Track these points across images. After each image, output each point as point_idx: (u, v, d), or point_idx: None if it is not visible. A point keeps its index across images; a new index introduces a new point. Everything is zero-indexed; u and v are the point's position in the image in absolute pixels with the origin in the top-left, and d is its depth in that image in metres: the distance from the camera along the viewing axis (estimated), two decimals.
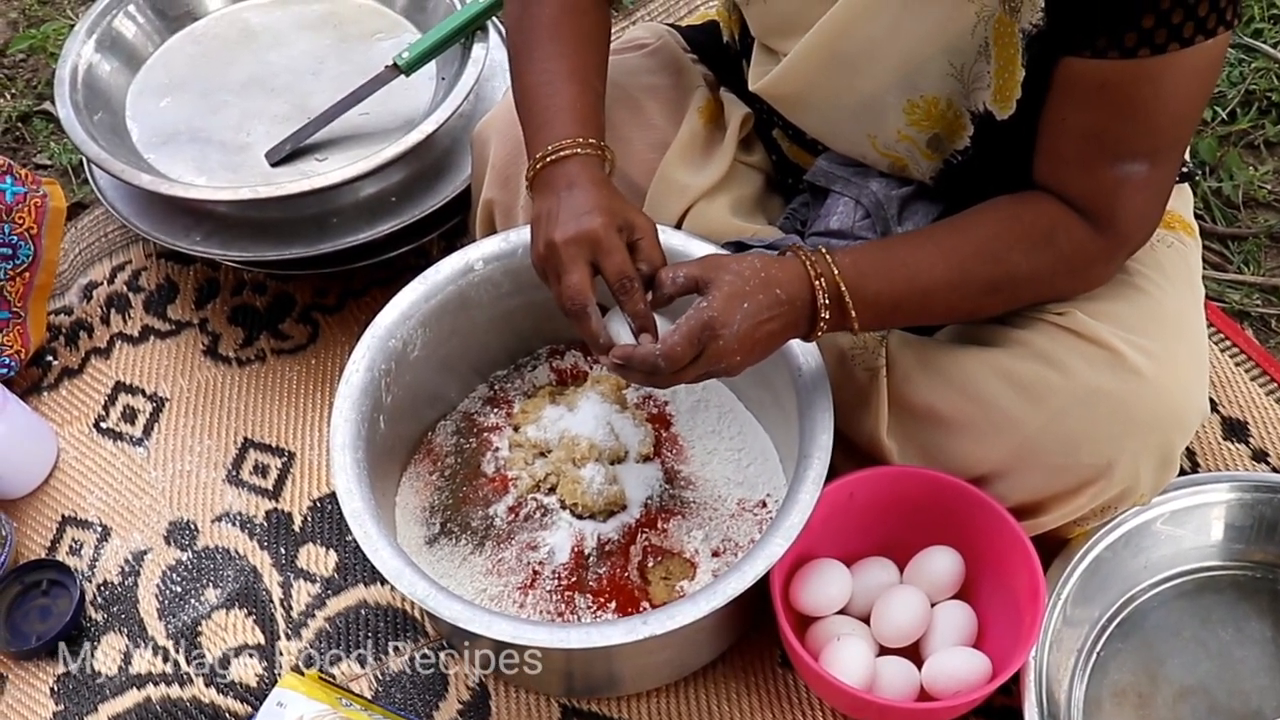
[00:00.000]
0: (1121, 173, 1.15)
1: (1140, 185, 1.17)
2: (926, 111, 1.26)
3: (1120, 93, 1.11)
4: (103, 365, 1.86)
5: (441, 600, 1.24)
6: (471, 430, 1.57)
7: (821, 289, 1.19)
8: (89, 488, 1.73)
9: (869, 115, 1.30)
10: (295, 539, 1.65)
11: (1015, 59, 1.16)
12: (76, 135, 1.72)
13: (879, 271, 1.22)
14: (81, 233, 2.01)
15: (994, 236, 1.22)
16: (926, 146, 1.30)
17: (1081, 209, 1.20)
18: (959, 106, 1.25)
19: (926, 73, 1.23)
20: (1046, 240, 1.21)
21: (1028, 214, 1.22)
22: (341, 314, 1.88)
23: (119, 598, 1.61)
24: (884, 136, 1.32)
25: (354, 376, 1.40)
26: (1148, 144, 1.14)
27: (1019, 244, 1.22)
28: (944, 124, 1.27)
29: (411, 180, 1.77)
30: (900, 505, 1.41)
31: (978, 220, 1.24)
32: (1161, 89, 1.10)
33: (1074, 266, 1.24)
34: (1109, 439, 1.25)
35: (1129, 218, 1.20)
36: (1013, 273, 1.23)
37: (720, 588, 1.23)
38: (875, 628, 1.42)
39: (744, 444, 1.55)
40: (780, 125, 1.45)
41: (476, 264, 1.48)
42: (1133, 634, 1.46)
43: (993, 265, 1.22)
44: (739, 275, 1.17)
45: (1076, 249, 1.21)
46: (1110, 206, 1.18)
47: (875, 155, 1.35)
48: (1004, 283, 1.24)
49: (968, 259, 1.22)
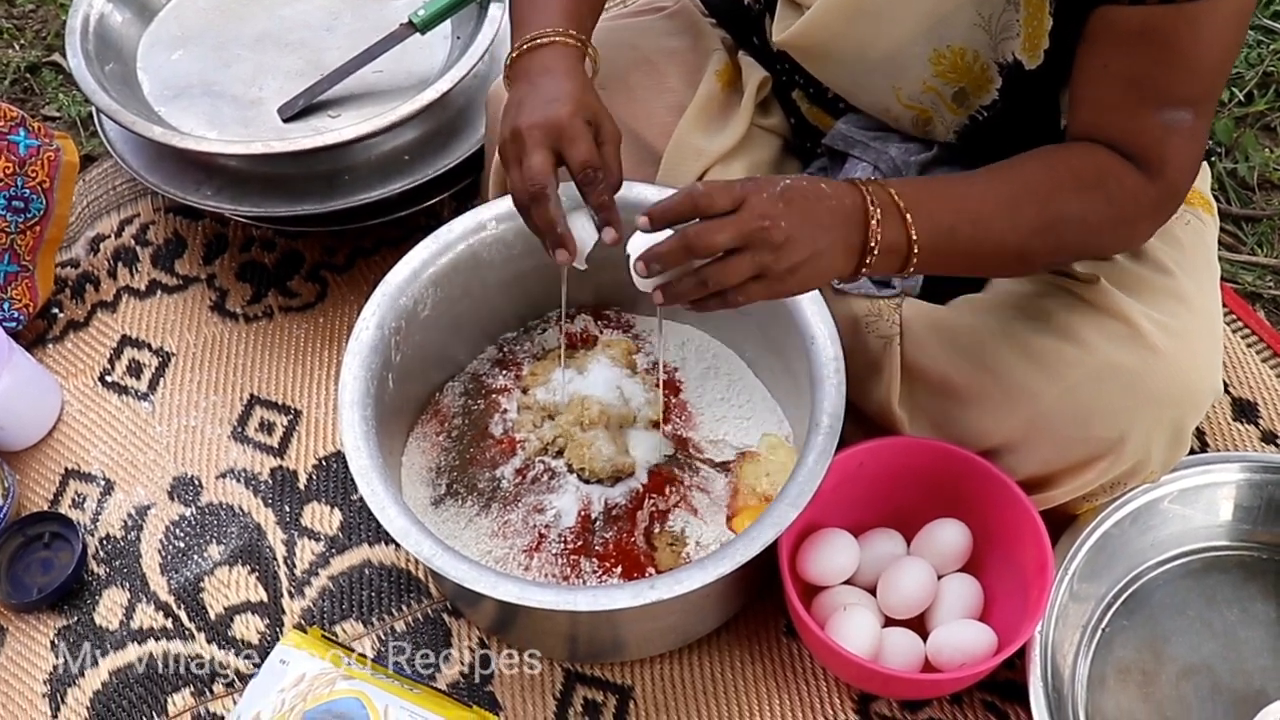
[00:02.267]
0: (1168, 119, 1.14)
1: (1186, 133, 1.14)
2: (953, 63, 1.25)
3: (1162, 37, 1.09)
4: (109, 319, 1.85)
5: (448, 560, 1.23)
6: (480, 392, 1.57)
7: (870, 198, 1.12)
8: (93, 441, 1.72)
9: (894, 66, 1.29)
10: (300, 497, 1.64)
11: (1043, 6, 1.15)
12: (87, 85, 1.70)
13: (932, 192, 1.16)
14: (89, 185, 2.01)
15: (1044, 177, 1.18)
16: (952, 100, 1.29)
17: (1130, 155, 1.17)
18: (986, 59, 1.24)
19: (954, 22, 1.21)
20: (1097, 183, 1.17)
21: (1076, 158, 1.19)
22: (350, 273, 1.87)
23: (121, 552, 1.61)
24: (909, 88, 1.30)
25: (364, 334, 1.39)
26: (1191, 91, 1.13)
27: (1069, 185, 1.18)
28: (970, 77, 1.26)
29: (424, 139, 1.76)
30: (910, 476, 1.41)
31: (1026, 162, 1.20)
32: (1201, 34, 1.09)
33: (1124, 214, 1.20)
34: (1122, 413, 1.25)
35: (1178, 166, 1.17)
36: (1063, 213, 1.17)
37: (728, 554, 1.22)
38: (881, 598, 1.41)
39: (753, 411, 1.55)
40: (800, 85, 1.43)
41: (489, 223, 1.47)
42: (1138, 611, 1.46)
43: (1043, 204, 1.17)
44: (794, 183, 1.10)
45: (1128, 195, 1.18)
46: (1160, 153, 1.16)
47: (899, 108, 1.34)
48: (1055, 223, 1.18)
49: (1019, 194, 1.17)
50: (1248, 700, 1.39)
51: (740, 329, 1.56)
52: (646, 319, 1.63)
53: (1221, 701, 1.40)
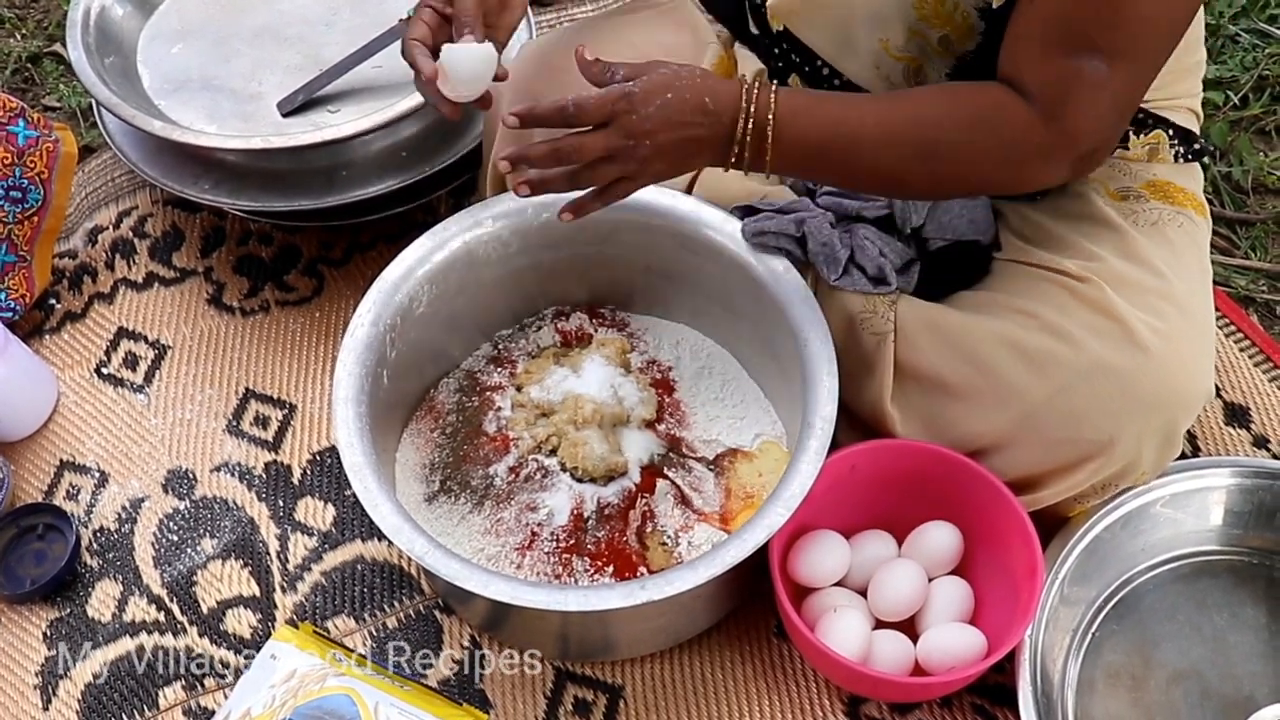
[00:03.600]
0: (1077, 64, 1.14)
1: (1095, 84, 1.14)
2: (935, 9, 1.26)
3: None
4: (106, 310, 1.85)
5: (439, 558, 1.24)
6: (474, 389, 1.57)
7: (745, 117, 1.20)
8: (88, 433, 1.72)
9: (880, 19, 1.30)
10: (294, 492, 1.65)
11: None
12: (87, 78, 1.71)
13: (810, 111, 1.22)
14: (88, 176, 2.01)
15: (933, 106, 1.22)
16: (938, 44, 1.29)
17: (1031, 95, 1.17)
18: (965, 6, 1.24)
19: None
20: (984, 118, 1.20)
21: (968, 91, 1.22)
22: (347, 268, 1.87)
23: (115, 544, 1.61)
24: (896, 39, 1.31)
25: (359, 330, 1.39)
26: (1111, 41, 1.12)
27: (955, 115, 1.21)
28: (953, 25, 1.26)
29: (422, 136, 1.76)
30: (902, 479, 1.41)
31: (922, 92, 1.26)
32: None
33: (1009, 153, 1.21)
34: (1112, 414, 1.25)
35: (1077, 114, 1.16)
36: (943, 141, 1.21)
37: (719, 556, 1.23)
38: (872, 601, 1.41)
39: (746, 411, 1.55)
40: (797, 66, 1.44)
41: (486, 221, 1.48)
42: (1128, 615, 1.46)
43: (924, 130, 1.21)
44: (674, 72, 1.20)
45: (1016, 133, 1.19)
46: (1059, 97, 1.16)
47: (890, 62, 1.34)
48: (936, 150, 1.22)
49: (901, 119, 1.22)
50: (1237, 705, 1.38)
51: (735, 329, 1.56)
52: (641, 318, 1.64)
53: (1211, 707, 1.40)
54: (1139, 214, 1.37)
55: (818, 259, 1.39)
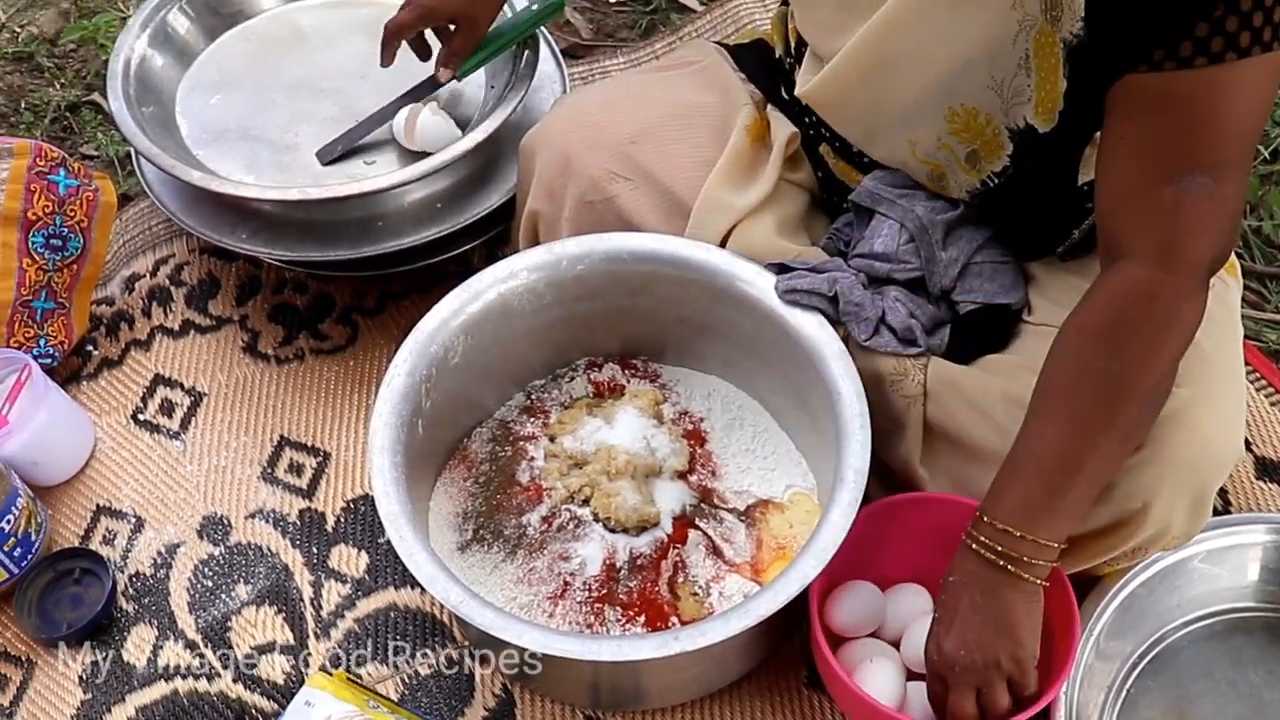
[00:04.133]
0: (1180, 189, 1.10)
1: (1203, 199, 1.10)
2: (966, 122, 1.27)
3: (1180, 104, 1.08)
4: (142, 357, 1.86)
5: (474, 607, 1.24)
6: (507, 439, 1.58)
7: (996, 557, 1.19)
8: (124, 479, 1.73)
9: (909, 121, 1.31)
10: (328, 539, 1.65)
11: (1057, 69, 1.16)
12: (128, 128, 1.72)
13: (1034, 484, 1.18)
14: (126, 225, 2.02)
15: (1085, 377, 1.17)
16: (965, 160, 1.30)
17: (1148, 250, 1.13)
18: (998, 123, 1.25)
19: (968, 79, 1.23)
20: (1129, 327, 1.15)
21: (1096, 318, 1.17)
22: (381, 317, 1.88)
23: (150, 589, 1.62)
24: (924, 144, 1.32)
25: (395, 380, 1.40)
26: (1211, 155, 1.10)
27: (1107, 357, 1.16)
28: (982, 140, 1.27)
29: (457, 187, 1.77)
30: (937, 532, 1.38)
31: (1061, 373, 1.19)
32: (1221, 99, 1.07)
33: (1161, 326, 1.15)
34: (1145, 481, 1.23)
35: (1193, 240, 1.12)
36: (1128, 389, 1.16)
37: (752, 607, 1.23)
38: (905, 652, 1.41)
39: (777, 463, 1.56)
40: (827, 139, 1.45)
41: (520, 273, 1.49)
42: (1163, 672, 1.45)
43: (1110, 404, 1.16)
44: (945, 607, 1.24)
45: (1166, 311, 1.14)
46: (1171, 231, 1.12)
47: (915, 163, 1.36)
48: (1125, 399, 1.16)
49: (1086, 422, 1.16)
50: None
51: (766, 381, 1.56)
52: (673, 369, 1.64)
53: None
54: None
55: (849, 318, 1.39)
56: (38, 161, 1.72)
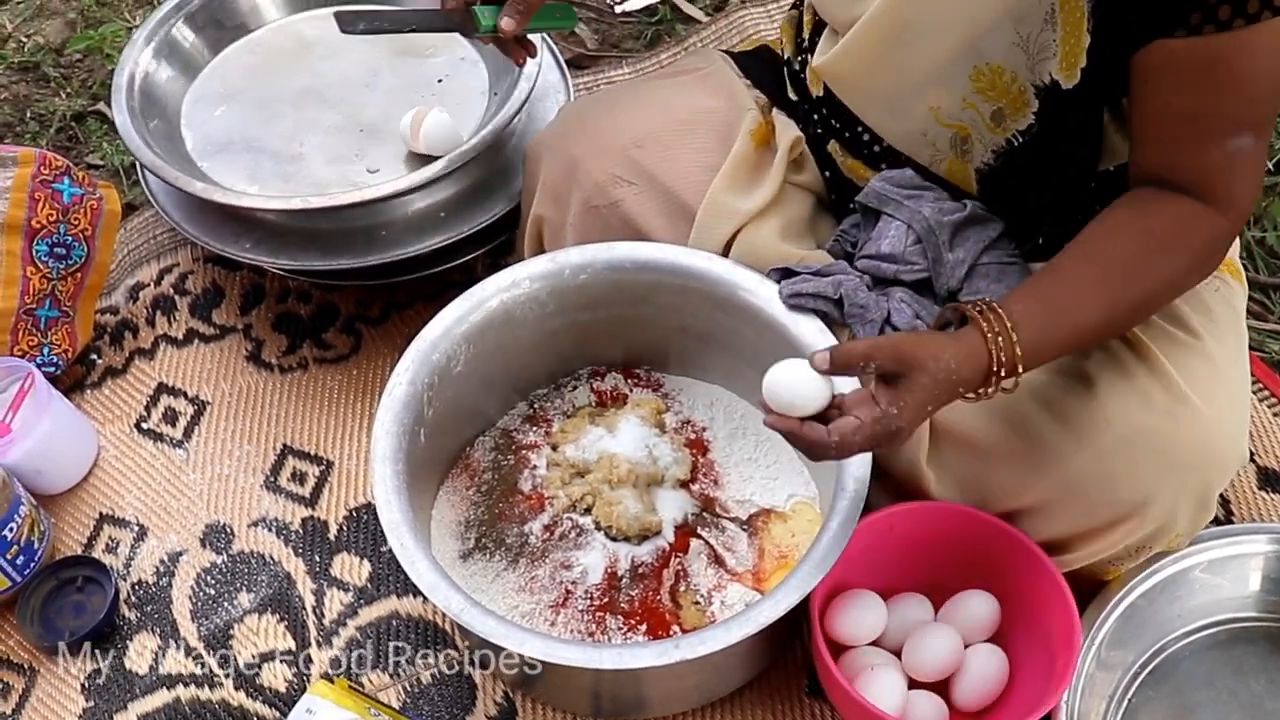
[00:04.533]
0: (1233, 147, 1.15)
1: (1250, 158, 1.17)
2: (992, 81, 1.26)
3: (1223, 68, 1.10)
4: (146, 366, 1.87)
5: (475, 615, 1.24)
6: (510, 447, 1.58)
7: (998, 375, 1.17)
8: (128, 487, 1.73)
9: (934, 85, 1.30)
10: (330, 547, 1.65)
11: (1081, 24, 1.16)
12: (131, 140, 1.73)
13: (1050, 325, 1.20)
14: (130, 234, 2.03)
15: (1137, 258, 1.20)
16: (990, 118, 1.30)
17: (1199, 193, 1.18)
18: (1023, 81, 1.24)
19: (992, 41, 1.22)
20: (1181, 241, 1.20)
21: (1156, 222, 1.20)
22: (385, 326, 1.89)
23: (153, 597, 1.62)
24: (948, 106, 1.31)
25: (397, 389, 1.40)
26: (1252, 115, 1.14)
27: (1160, 258, 1.20)
28: (1008, 98, 1.26)
29: (461, 195, 1.77)
30: (939, 541, 1.40)
31: (1118, 243, 1.22)
32: (1259, 57, 1.10)
33: (1203, 258, 1.23)
34: (1148, 477, 1.25)
35: (1245, 192, 1.19)
36: (1157, 284, 1.22)
37: (752, 615, 1.23)
38: (907, 661, 1.41)
39: (779, 472, 1.55)
40: (837, 133, 1.45)
41: (523, 282, 1.49)
42: (1165, 682, 1.45)
43: (1140, 287, 1.21)
44: (934, 381, 1.16)
45: (1207, 241, 1.21)
46: (1228, 184, 1.18)
47: (938, 129, 1.34)
48: (1148, 296, 1.23)
49: (1117, 291, 1.20)
50: None
51: None
52: (675, 378, 1.64)
53: None
54: None
55: (854, 320, 1.39)
56: (42, 170, 1.73)
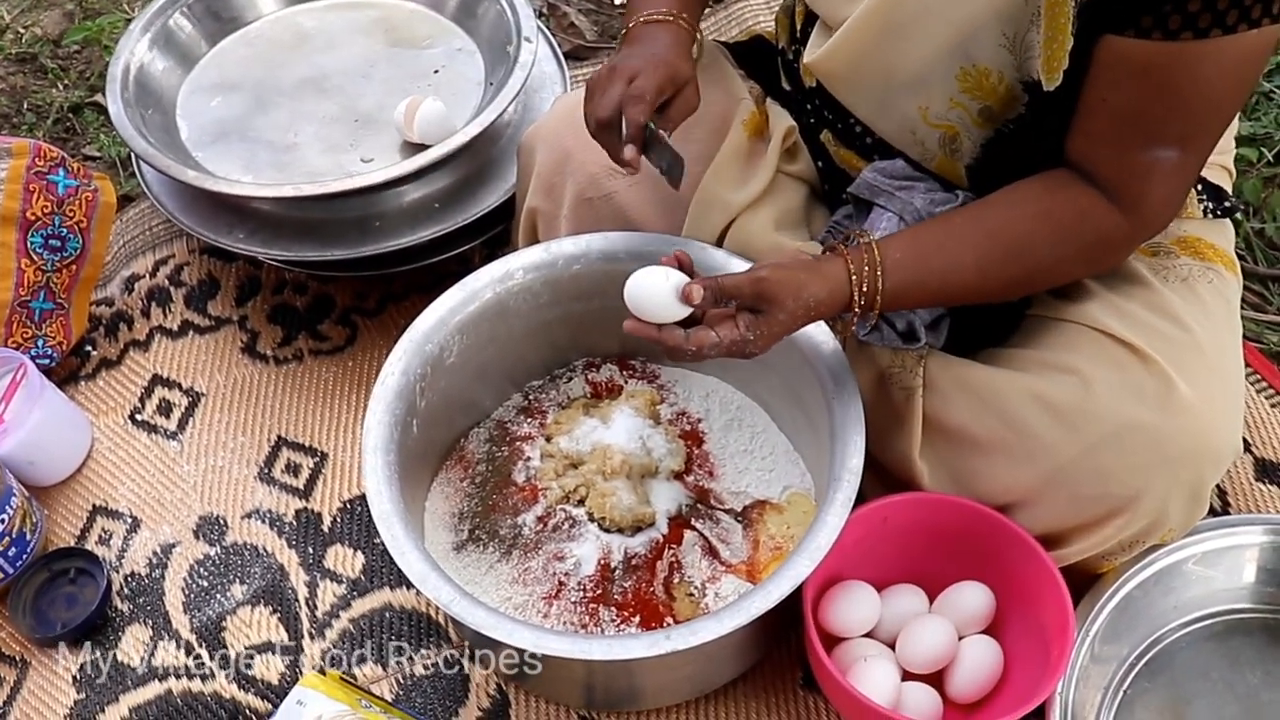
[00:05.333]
0: (1153, 157, 1.16)
1: (1170, 171, 1.17)
2: (978, 82, 1.25)
3: (1161, 75, 1.10)
4: (141, 358, 1.87)
5: (466, 607, 1.23)
6: (504, 439, 1.57)
7: (858, 305, 1.24)
8: (121, 479, 1.73)
9: (921, 85, 1.29)
10: (324, 539, 1.65)
11: (1065, 28, 1.15)
12: (125, 130, 1.73)
13: (916, 280, 1.25)
14: (126, 225, 2.03)
15: (1026, 236, 1.24)
16: (978, 115, 1.29)
17: (1109, 191, 1.20)
18: (1010, 80, 1.24)
19: (980, 41, 1.22)
20: (1075, 232, 1.22)
21: (1059, 207, 1.22)
22: (381, 318, 1.88)
23: (145, 589, 1.61)
24: (936, 107, 1.31)
25: (389, 380, 1.40)
26: (1182, 129, 1.14)
27: (1044, 231, 1.23)
28: (995, 97, 1.26)
29: (455, 186, 1.77)
30: (934, 532, 1.40)
31: (1011, 217, 1.25)
32: (1200, 75, 1.09)
33: (1095, 253, 1.26)
34: (1139, 470, 1.24)
35: (1155, 203, 1.20)
36: (1038, 265, 1.25)
37: (744, 606, 1.22)
38: (901, 653, 1.40)
39: (774, 463, 1.55)
40: (830, 124, 1.44)
41: (516, 273, 1.48)
42: (1160, 674, 1.44)
43: (1020, 263, 1.25)
44: (793, 315, 1.22)
45: (1100, 236, 1.22)
46: (1140, 190, 1.19)
47: (926, 129, 1.34)
48: (1027, 276, 1.27)
49: (997, 259, 1.24)
50: None
51: (764, 381, 1.56)
52: (671, 370, 1.63)
53: None
54: (1169, 270, 1.36)
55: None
56: (36, 161, 1.72)
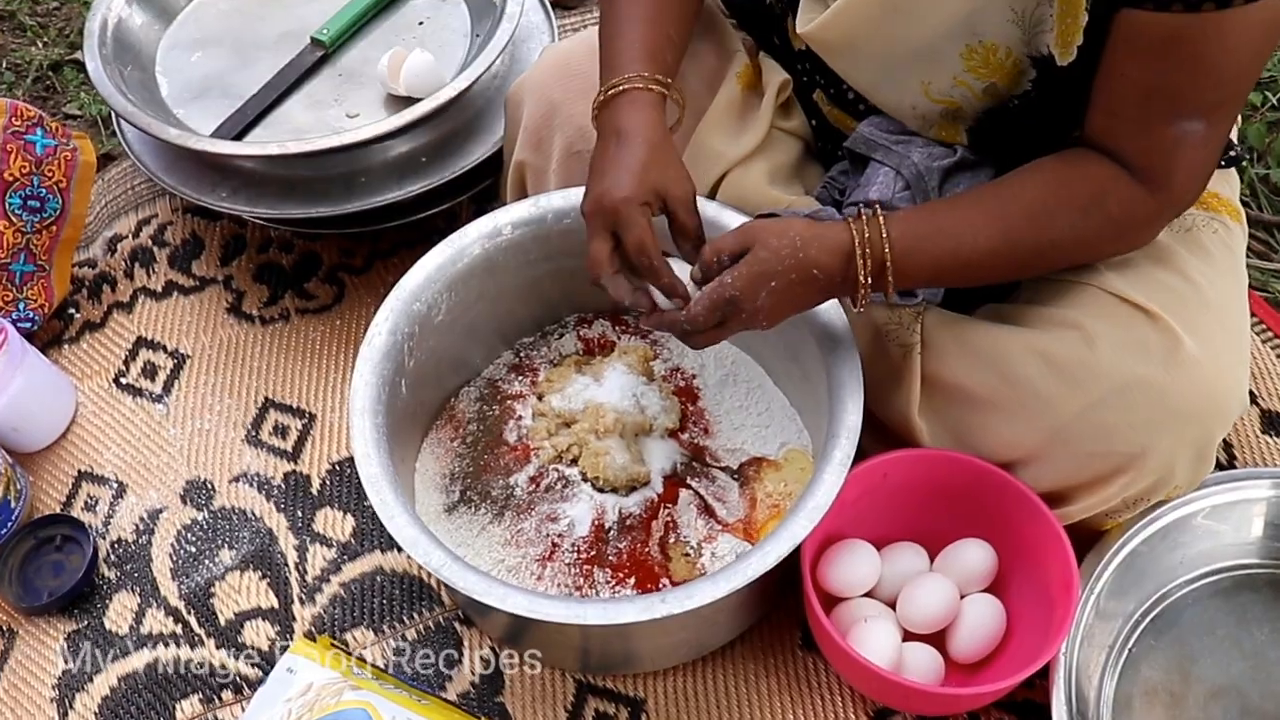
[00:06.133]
0: (1180, 130, 1.11)
1: (1197, 143, 1.13)
2: (985, 59, 1.21)
3: (1184, 48, 1.06)
4: (125, 320, 1.84)
5: (457, 571, 1.21)
6: (495, 397, 1.55)
7: (864, 266, 1.19)
8: (106, 444, 1.71)
9: (924, 63, 1.25)
10: (313, 502, 1.63)
11: (1080, 3, 1.11)
12: (104, 88, 1.70)
13: (926, 245, 1.20)
14: (108, 185, 2.00)
15: (1042, 204, 1.19)
16: (982, 93, 1.26)
17: (1134, 168, 1.16)
18: (1019, 55, 1.20)
19: (987, 17, 1.17)
20: (1097, 205, 1.18)
21: (1077, 178, 1.18)
22: (368, 275, 1.86)
23: (133, 556, 1.60)
24: (938, 84, 1.27)
25: (376, 339, 1.37)
26: (1207, 100, 1.10)
27: (1067, 211, 1.19)
28: (1002, 73, 1.22)
29: (442, 141, 1.74)
30: (934, 490, 1.38)
31: (1026, 185, 1.21)
32: (1225, 44, 1.05)
33: (1121, 229, 1.21)
34: (1144, 427, 1.22)
35: (1183, 177, 1.16)
36: (1058, 239, 1.20)
37: (741, 568, 1.20)
38: (902, 612, 1.39)
39: (771, 420, 1.52)
40: (821, 86, 1.41)
41: (505, 228, 1.45)
42: (1166, 631, 1.42)
43: (1039, 233, 1.20)
44: (774, 254, 1.17)
45: (1126, 212, 1.18)
46: (1166, 166, 1.15)
47: (927, 104, 1.30)
48: (1048, 250, 1.22)
49: (1014, 229, 1.19)
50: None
51: (759, 337, 1.51)
52: None
53: None
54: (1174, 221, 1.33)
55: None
56: (13, 121, 1.69)
